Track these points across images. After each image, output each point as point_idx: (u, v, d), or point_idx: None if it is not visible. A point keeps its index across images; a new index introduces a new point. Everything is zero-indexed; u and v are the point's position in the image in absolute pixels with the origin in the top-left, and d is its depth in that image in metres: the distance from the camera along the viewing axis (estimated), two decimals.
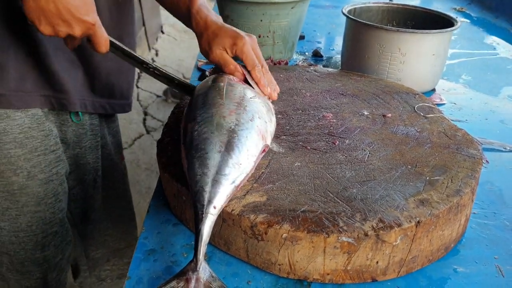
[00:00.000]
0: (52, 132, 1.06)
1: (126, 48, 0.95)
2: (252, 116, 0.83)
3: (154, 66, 1.00)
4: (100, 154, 1.25)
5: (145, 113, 3.62)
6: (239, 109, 0.83)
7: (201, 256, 0.64)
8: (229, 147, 0.75)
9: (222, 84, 0.90)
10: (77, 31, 0.80)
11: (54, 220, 1.12)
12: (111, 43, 0.91)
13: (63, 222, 1.16)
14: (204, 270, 0.64)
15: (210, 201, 0.68)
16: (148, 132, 3.40)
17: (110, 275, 1.49)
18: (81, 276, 1.49)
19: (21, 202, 1.06)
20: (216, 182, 0.70)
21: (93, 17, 0.81)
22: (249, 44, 0.96)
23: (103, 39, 0.86)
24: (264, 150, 0.83)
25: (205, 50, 1.00)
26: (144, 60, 0.99)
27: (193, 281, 0.63)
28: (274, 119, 0.92)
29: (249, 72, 0.97)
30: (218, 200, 0.69)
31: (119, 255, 1.48)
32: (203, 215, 0.66)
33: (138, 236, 1.52)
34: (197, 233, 0.65)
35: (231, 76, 0.96)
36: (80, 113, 1.13)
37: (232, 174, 0.72)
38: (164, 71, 1.01)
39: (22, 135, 1.01)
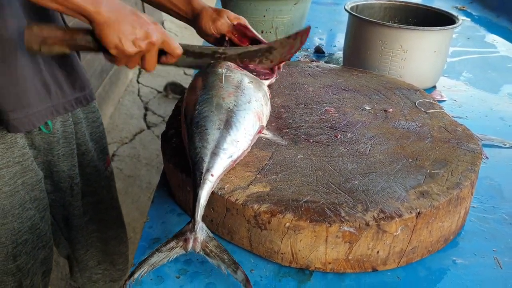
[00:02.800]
0: (17, 144, 1.03)
1: (196, 46, 1.01)
2: (250, 99, 0.89)
3: (223, 50, 1.04)
4: (76, 162, 1.21)
5: (146, 109, 3.63)
6: (237, 92, 0.89)
7: (198, 217, 0.69)
8: (227, 125, 0.81)
9: (221, 70, 0.97)
10: (155, 37, 0.85)
11: (23, 229, 1.10)
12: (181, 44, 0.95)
13: (33, 229, 1.13)
14: (201, 231, 0.69)
15: (208, 170, 0.74)
16: (148, 127, 3.40)
17: (102, 278, 1.47)
18: (75, 276, 1.48)
19: None
20: (214, 154, 0.76)
21: (158, 24, 0.88)
22: None
23: (174, 41, 0.91)
24: (260, 131, 0.87)
25: (208, 26, 1.11)
26: (214, 49, 1.04)
27: (191, 241, 0.68)
28: (269, 103, 0.97)
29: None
30: (216, 170, 0.74)
31: (110, 260, 1.46)
32: (202, 181, 0.72)
33: (128, 242, 1.51)
34: (195, 196, 0.70)
35: (229, 63, 1.02)
36: (49, 122, 1.08)
37: (230, 149, 0.78)
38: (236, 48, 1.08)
39: None
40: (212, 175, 0.73)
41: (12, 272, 1.13)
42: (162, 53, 0.90)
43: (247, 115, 0.85)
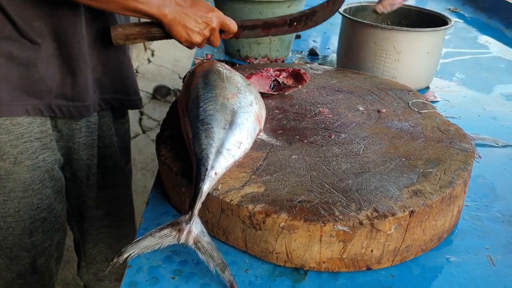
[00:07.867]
0: (36, 120, 1.06)
1: (249, 20, 1.16)
2: (251, 102, 0.90)
3: (272, 19, 1.17)
4: (96, 153, 1.24)
5: (141, 113, 3.62)
6: (240, 93, 0.91)
7: (196, 211, 0.70)
8: (232, 126, 0.83)
9: (219, 69, 0.99)
10: (214, 22, 1.02)
11: (41, 206, 1.14)
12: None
13: (51, 208, 1.17)
14: (196, 225, 0.70)
15: (213, 167, 0.75)
16: (144, 131, 3.40)
17: (108, 276, 1.48)
18: (81, 272, 1.49)
19: (8, 187, 1.08)
20: (219, 153, 0.78)
21: (213, 8, 1.04)
22: None
23: (230, 20, 1.06)
24: (257, 134, 0.89)
25: None
26: (264, 20, 1.16)
27: (185, 232, 0.69)
28: (264, 106, 0.98)
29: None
30: (219, 168, 0.76)
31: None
32: (205, 177, 0.73)
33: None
34: (197, 190, 0.72)
35: (223, 63, 1.04)
36: None
37: (233, 150, 0.80)
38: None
39: (8, 121, 1.01)
40: (215, 173, 0.75)
41: (27, 248, 1.17)
42: (221, 31, 1.06)
43: (249, 117, 0.86)
